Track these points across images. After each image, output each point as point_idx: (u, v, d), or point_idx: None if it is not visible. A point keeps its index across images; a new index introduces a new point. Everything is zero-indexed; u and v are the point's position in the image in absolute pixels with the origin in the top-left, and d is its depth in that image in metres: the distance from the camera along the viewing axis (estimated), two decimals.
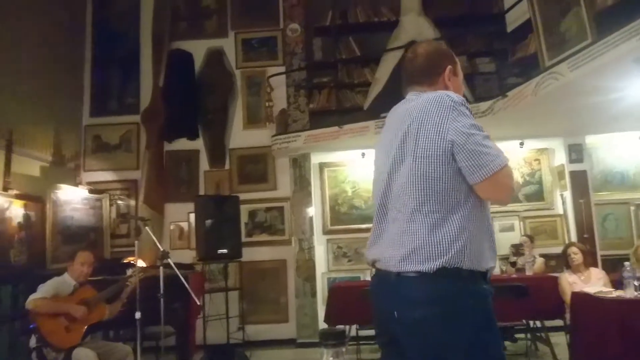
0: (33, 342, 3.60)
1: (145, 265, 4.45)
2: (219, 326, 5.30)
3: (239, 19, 6.92)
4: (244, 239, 6.05)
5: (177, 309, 4.50)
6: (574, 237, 5.87)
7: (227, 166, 6.66)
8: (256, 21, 6.88)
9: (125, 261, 4.91)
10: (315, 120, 6.36)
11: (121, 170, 6.63)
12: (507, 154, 1.58)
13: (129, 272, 4.27)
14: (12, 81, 5.18)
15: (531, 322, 4.98)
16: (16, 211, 4.89)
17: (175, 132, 6.68)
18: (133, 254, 4.24)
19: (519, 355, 5.01)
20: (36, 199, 5.20)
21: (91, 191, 6.14)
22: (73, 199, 5.77)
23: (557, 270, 5.15)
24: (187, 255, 6.05)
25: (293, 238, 6.25)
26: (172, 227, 6.51)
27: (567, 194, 6.08)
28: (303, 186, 6.26)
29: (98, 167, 6.63)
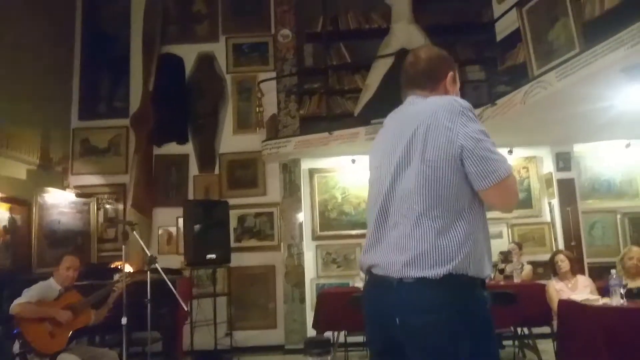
0: (17, 347, 3.54)
1: (132, 270, 4.42)
2: (206, 332, 5.27)
3: (230, 24, 6.91)
4: (232, 244, 6.04)
5: (164, 314, 4.46)
6: (561, 245, 5.92)
7: (216, 171, 6.63)
8: (247, 26, 6.88)
9: (113, 266, 4.88)
10: (306, 126, 6.36)
11: (109, 174, 6.57)
12: None
13: (116, 277, 4.24)
14: None
15: (519, 329, 5.01)
16: (1, 214, 4.83)
17: (165, 137, 6.64)
18: (120, 258, 4.20)
19: None
20: (22, 202, 5.14)
21: (78, 195, 6.08)
22: (60, 203, 5.71)
23: (545, 278, 5.17)
24: (175, 261, 6.00)
25: (282, 244, 6.23)
26: (161, 231, 6.47)
27: (555, 202, 6.13)
28: (293, 192, 6.25)
29: (86, 171, 6.57)
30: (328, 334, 5.13)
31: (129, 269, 4.24)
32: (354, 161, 6.20)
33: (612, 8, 4.02)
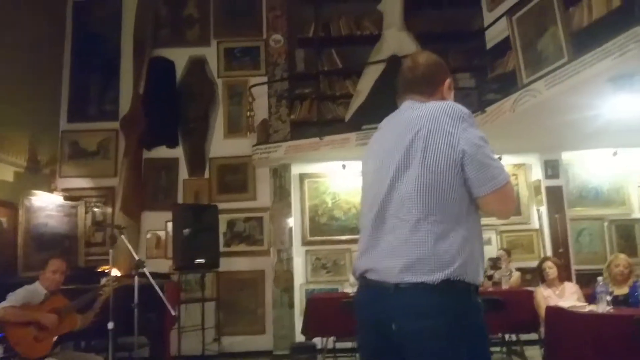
0: (0, 352, 3.49)
1: (119, 274, 4.37)
2: (194, 337, 5.23)
3: (221, 28, 6.90)
4: (222, 248, 6.00)
5: (152, 319, 4.43)
6: (549, 252, 5.96)
7: (206, 175, 6.60)
8: (239, 31, 6.88)
9: (100, 270, 4.83)
10: (297, 131, 6.37)
11: (98, 177, 6.52)
12: None
13: (103, 281, 4.18)
14: None
15: (506, 335, 5.02)
16: None
17: (155, 140, 6.61)
18: (108, 262, 4.16)
19: None
20: (8, 204, 5.08)
21: (66, 198, 6.02)
22: (47, 206, 5.65)
23: (533, 284, 5.20)
24: (163, 265, 5.95)
25: (272, 249, 6.21)
26: (149, 235, 6.42)
27: (543, 209, 6.18)
28: (283, 197, 6.24)
29: (74, 174, 6.51)
30: (317, 339, 5.12)
31: (116, 273, 4.21)
32: (344, 166, 6.21)
33: (600, 18, 4.09)
